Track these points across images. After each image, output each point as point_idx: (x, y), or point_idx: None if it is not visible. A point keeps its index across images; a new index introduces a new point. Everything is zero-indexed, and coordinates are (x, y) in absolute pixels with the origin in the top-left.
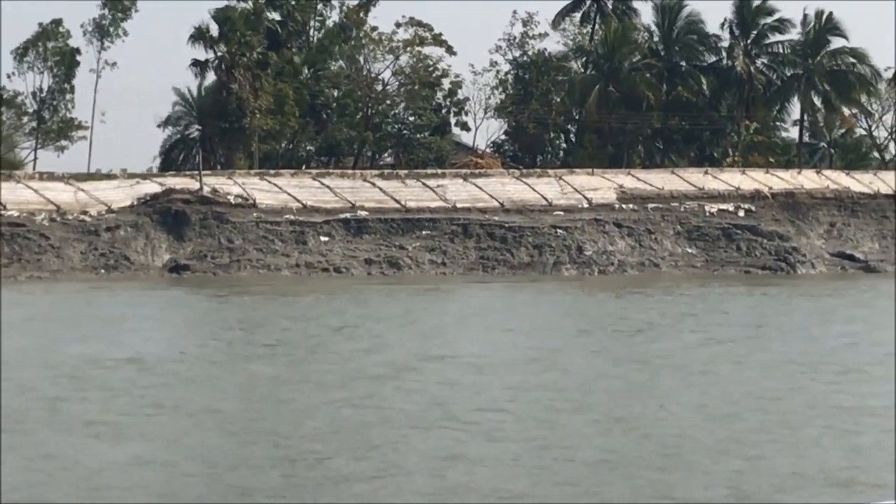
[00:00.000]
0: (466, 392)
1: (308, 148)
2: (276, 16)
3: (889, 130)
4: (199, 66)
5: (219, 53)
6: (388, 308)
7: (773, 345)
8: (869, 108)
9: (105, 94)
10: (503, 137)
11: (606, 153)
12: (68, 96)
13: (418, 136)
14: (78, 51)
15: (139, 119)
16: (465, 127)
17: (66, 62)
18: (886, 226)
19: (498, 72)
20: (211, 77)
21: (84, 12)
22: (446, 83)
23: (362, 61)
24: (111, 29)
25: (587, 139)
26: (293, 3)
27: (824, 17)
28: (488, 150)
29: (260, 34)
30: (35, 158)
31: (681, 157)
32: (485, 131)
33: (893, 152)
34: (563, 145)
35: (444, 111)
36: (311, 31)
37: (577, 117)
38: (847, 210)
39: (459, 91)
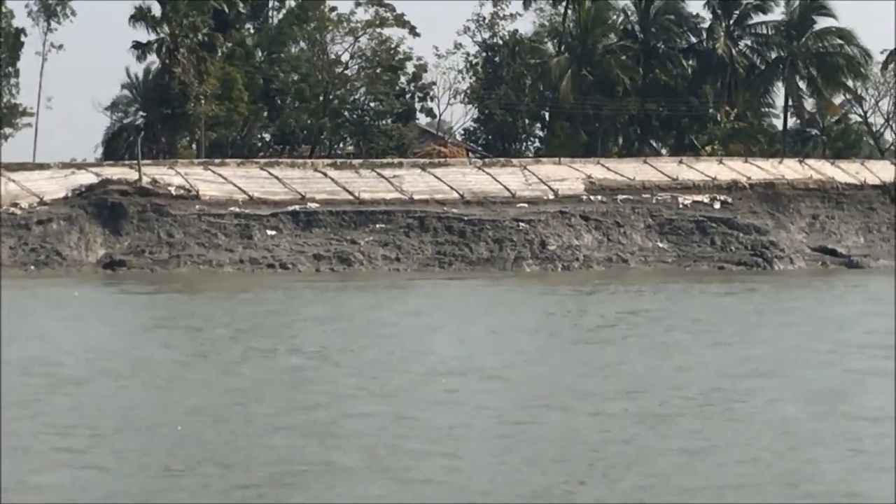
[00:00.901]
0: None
1: (262, 136)
2: None
3: (885, 117)
4: (141, 49)
5: (161, 35)
6: (312, 308)
7: (682, 349)
8: (861, 92)
9: (51, 78)
10: (473, 125)
11: (579, 141)
12: (13, 80)
13: (380, 122)
14: (23, 32)
15: (88, 105)
16: (430, 113)
17: (10, 44)
18: (873, 218)
19: (467, 55)
20: (155, 60)
21: None
22: (410, 67)
23: (320, 43)
24: (58, 9)
25: (559, 126)
26: None
27: None
28: (459, 138)
29: (206, 15)
30: None
31: (660, 145)
32: (455, 118)
33: (890, 140)
34: (540, 133)
35: (408, 96)
36: (270, 13)
37: (548, 103)
38: (831, 202)
39: (424, 75)
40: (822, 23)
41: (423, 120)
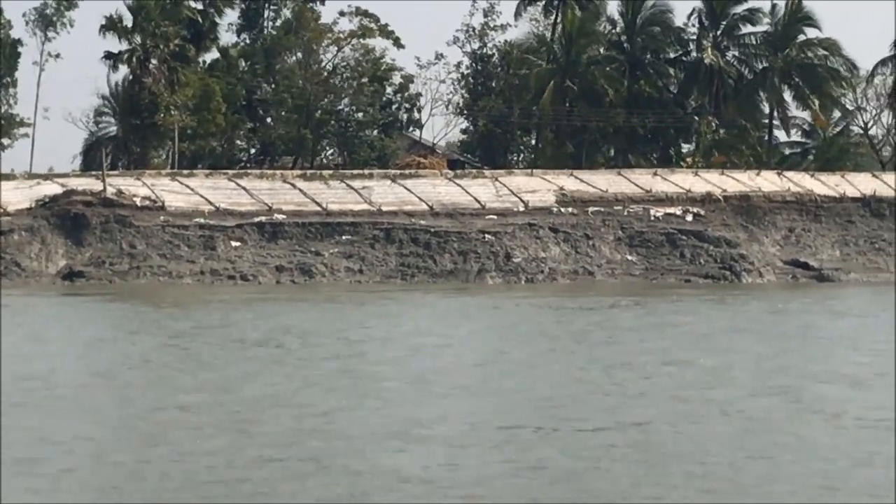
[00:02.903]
0: None
1: (243, 147)
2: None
3: (886, 128)
4: (113, 59)
5: (132, 45)
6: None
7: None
8: (852, 103)
9: (49, 88)
10: (462, 136)
11: (565, 152)
12: (11, 91)
13: (363, 133)
14: (20, 42)
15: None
16: (417, 124)
17: (7, 54)
18: (851, 231)
19: (457, 65)
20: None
21: (26, 2)
22: (397, 77)
23: (302, 55)
24: (55, 19)
25: (543, 137)
26: None
27: (794, 5)
28: (449, 150)
29: (178, 25)
30: None
31: (644, 157)
32: (439, 129)
33: (889, 154)
34: (534, 143)
35: (394, 107)
36: (266, 23)
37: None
38: (809, 214)
39: (411, 86)
40: (808, 34)
41: (416, 131)
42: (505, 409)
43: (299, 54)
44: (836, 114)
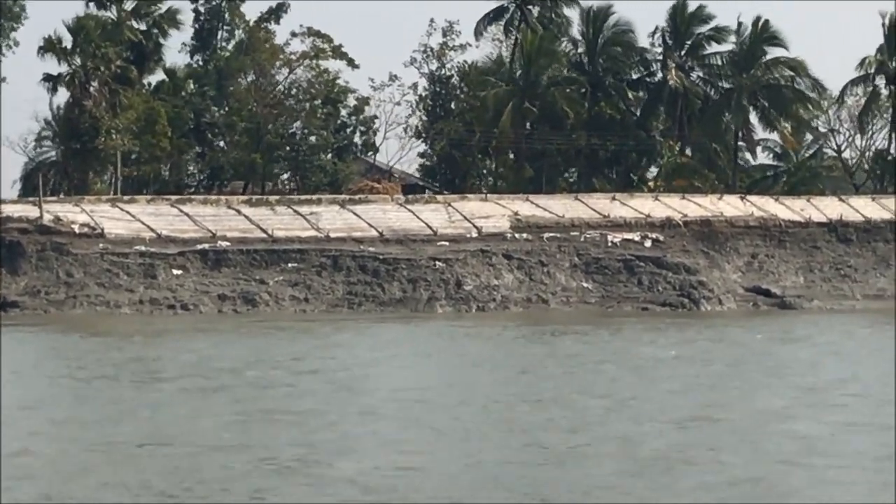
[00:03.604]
0: None
1: (192, 172)
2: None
3: (861, 151)
4: (52, 81)
5: (72, 67)
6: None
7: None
8: (825, 125)
9: None
10: (421, 160)
11: (524, 176)
12: None
13: (316, 157)
14: None
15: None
16: (373, 148)
17: None
18: (816, 257)
19: (415, 86)
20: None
21: None
22: (351, 100)
23: (254, 76)
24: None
25: (500, 161)
26: (160, 13)
27: (760, 24)
28: (413, 174)
29: (120, 46)
30: None
31: (609, 181)
32: (393, 153)
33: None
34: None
35: (349, 130)
36: (220, 44)
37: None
38: (773, 240)
39: (367, 108)
40: (773, 53)
41: (373, 155)
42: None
43: (252, 76)
44: (810, 136)
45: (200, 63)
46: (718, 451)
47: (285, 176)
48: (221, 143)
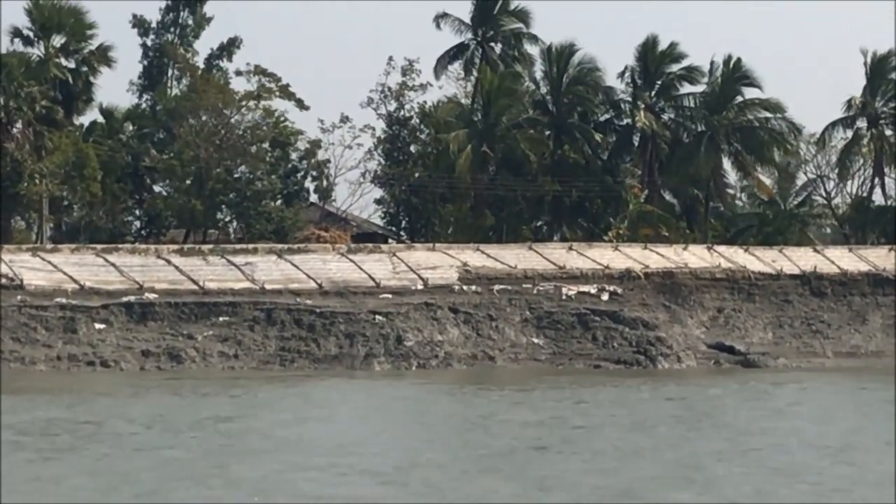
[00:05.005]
0: None
1: (128, 219)
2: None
3: (851, 197)
4: None
5: None
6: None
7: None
8: (814, 171)
9: None
10: (377, 207)
11: (484, 224)
12: None
13: (259, 204)
14: None
15: None
16: (326, 193)
17: None
18: (787, 312)
19: (371, 129)
20: None
21: None
22: (303, 143)
23: (202, 117)
24: None
25: (457, 208)
26: (91, 50)
27: (732, 63)
28: (375, 220)
29: (45, 85)
30: None
31: (580, 229)
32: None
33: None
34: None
35: (299, 175)
36: (170, 83)
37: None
38: (741, 293)
39: (319, 152)
40: (748, 94)
41: (327, 201)
42: None
43: (202, 116)
44: (798, 182)
45: (149, 103)
46: None
47: (234, 224)
48: (161, 189)
